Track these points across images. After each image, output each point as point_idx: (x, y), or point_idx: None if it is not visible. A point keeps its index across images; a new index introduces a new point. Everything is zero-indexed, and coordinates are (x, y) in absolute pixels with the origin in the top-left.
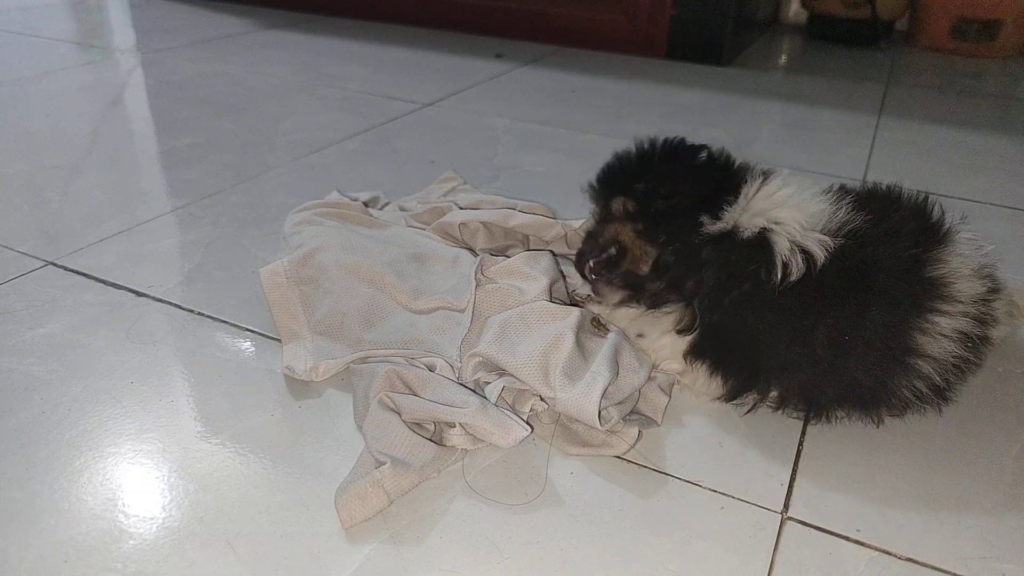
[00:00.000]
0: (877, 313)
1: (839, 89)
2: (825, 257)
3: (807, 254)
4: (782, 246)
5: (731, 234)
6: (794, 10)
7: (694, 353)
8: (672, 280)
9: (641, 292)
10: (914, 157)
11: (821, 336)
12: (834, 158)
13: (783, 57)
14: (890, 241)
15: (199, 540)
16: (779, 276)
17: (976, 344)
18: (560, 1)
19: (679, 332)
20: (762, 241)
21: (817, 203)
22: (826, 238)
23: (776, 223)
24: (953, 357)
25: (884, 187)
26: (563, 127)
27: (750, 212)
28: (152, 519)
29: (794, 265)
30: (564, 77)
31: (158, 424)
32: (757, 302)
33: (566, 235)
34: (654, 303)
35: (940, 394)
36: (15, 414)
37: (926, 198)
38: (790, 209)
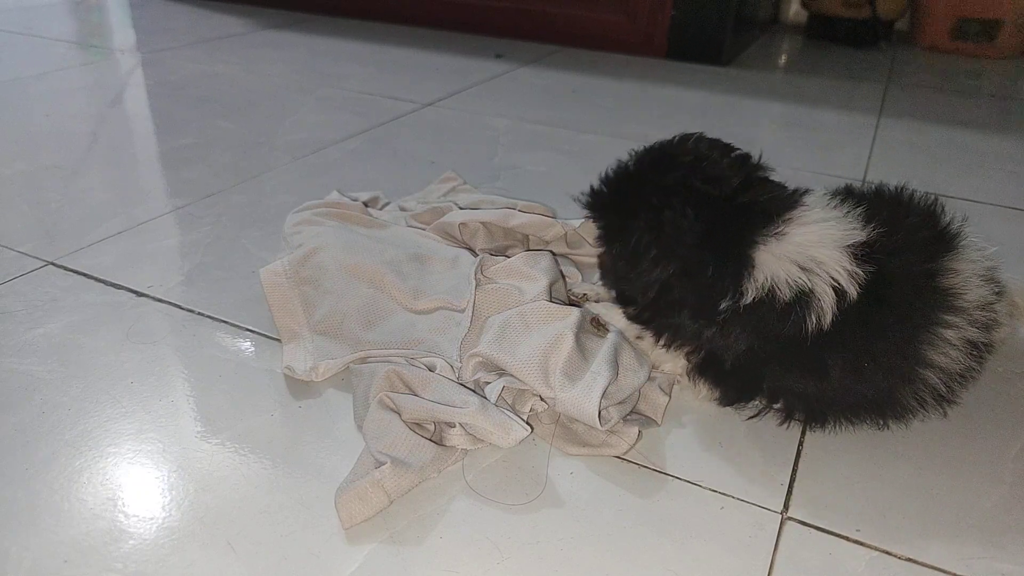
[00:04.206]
0: (891, 331)
1: (839, 89)
2: (857, 290)
3: (840, 293)
4: (822, 292)
5: (766, 298)
6: (794, 10)
7: (697, 371)
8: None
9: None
10: (914, 157)
11: (836, 363)
12: (834, 158)
13: (783, 57)
14: (904, 253)
15: (199, 540)
16: (815, 323)
17: (981, 351)
18: (560, 1)
19: (686, 356)
20: (801, 294)
21: (850, 230)
22: (858, 270)
23: (816, 262)
24: (960, 367)
25: (892, 189)
26: (563, 127)
27: (785, 260)
28: (152, 519)
29: (830, 310)
30: (564, 77)
31: (158, 424)
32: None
33: (566, 235)
34: (668, 344)
35: (944, 402)
36: (15, 414)
37: (935, 200)
38: (830, 248)
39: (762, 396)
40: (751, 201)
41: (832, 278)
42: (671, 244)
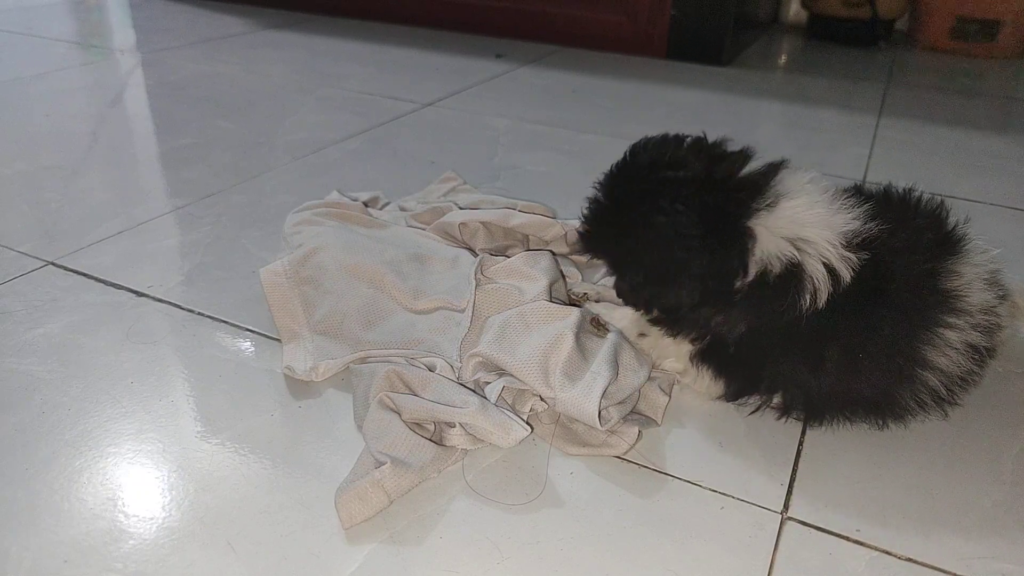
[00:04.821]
0: (889, 328)
1: (839, 89)
2: (850, 276)
3: (833, 274)
4: (813, 270)
5: (760, 276)
6: (794, 10)
7: (700, 357)
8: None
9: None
10: (914, 157)
11: (832, 354)
12: (834, 158)
13: (783, 57)
14: (907, 253)
15: (199, 540)
16: (809, 303)
17: (982, 355)
18: (560, 1)
19: (691, 341)
20: (792, 270)
21: (842, 215)
22: (852, 256)
23: (805, 241)
24: (960, 370)
25: (900, 190)
26: (563, 127)
27: (776, 235)
28: (152, 519)
29: (824, 289)
30: (564, 77)
31: (158, 424)
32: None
33: (566, 235)
34: (674, 333)
35: (944, 404)
36: (15, 414)
37: (941, 203)
38: (819, 227)
39: (763, 389)
40: (728, 175)
41: (822, 255)
42: (683, 245)
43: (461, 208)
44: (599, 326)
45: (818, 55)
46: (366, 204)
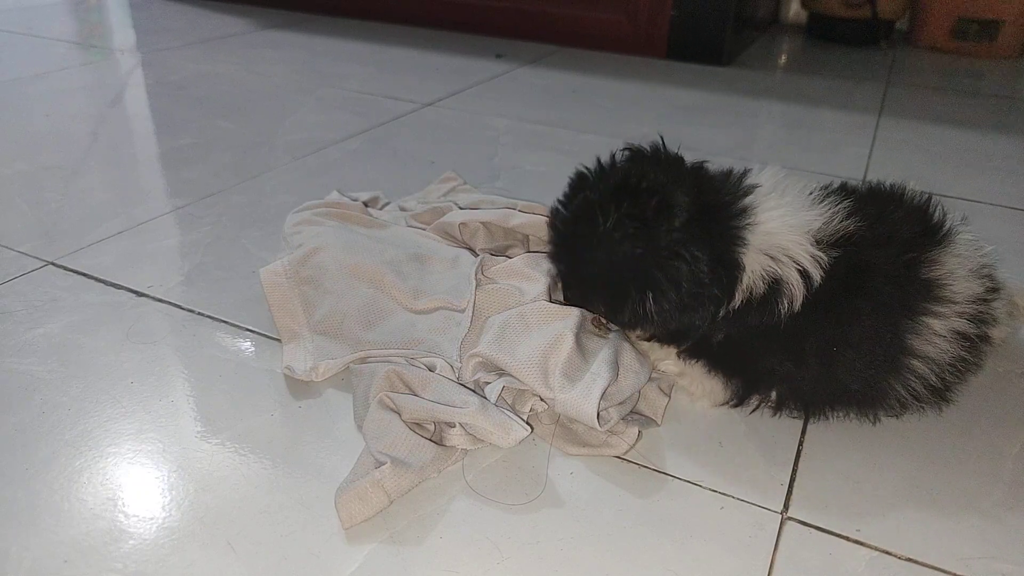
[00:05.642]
0: (867, 319)
1: (839, 89)
2: (821, 274)
3: (806, 275)
4: (789, 276)
5: (746, 300)
6: (794, 10)
7: (688, 353)
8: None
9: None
10: (914, 157)
11: (812, 348)
12: (834, 158)
13: (783, 57)
14: (885, 245)
15: (199, 540)
16: (786, 307)
17: (974, 344)
18: (560, 1)
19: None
20: (774, 285)
21: (810, 213)
22: (821, 254)
23: (781, 248)
24: (949, 357)
25: (886, 186)
26: (563, 127)
27: (758, 252)
28: (152, 519)
29: (799, 292)
30: (564, 77)
31: (158, 424)
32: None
33: None
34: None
35: (938, 394)
36: (15, 414)
37: (928, 198)
38: (792, 233)
39: (760, 386)
40: (715, 201)
41: (796, 262)
42: (700, 282)
43: (461, 208)
44: (600, 326)
45: (818, 55)
46: (366, 204)
